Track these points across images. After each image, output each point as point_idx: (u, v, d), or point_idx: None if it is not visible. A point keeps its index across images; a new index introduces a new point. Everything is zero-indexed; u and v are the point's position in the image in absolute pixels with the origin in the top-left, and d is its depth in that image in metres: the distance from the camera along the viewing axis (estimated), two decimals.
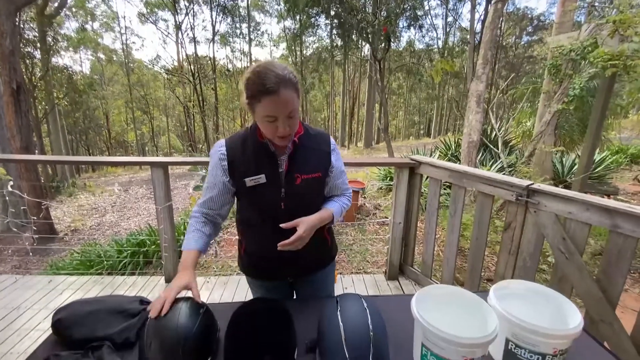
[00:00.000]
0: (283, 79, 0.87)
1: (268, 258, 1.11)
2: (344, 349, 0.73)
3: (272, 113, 0.89)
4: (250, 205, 1.08)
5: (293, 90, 0.90)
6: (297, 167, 1.03)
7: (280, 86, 0.86)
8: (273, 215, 1.03)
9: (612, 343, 1.37)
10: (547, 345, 0.74)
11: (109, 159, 2.69)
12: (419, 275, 2.50)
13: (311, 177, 1.05)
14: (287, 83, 0.87)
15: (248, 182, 1.01)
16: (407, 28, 14.41)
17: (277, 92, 0.86)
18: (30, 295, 2.39)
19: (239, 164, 1.02)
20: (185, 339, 0.75)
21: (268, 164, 1.01)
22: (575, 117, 6.31)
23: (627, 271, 1.32)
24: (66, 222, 7.81)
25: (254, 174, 1.01)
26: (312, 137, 1.08)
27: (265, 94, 0.86)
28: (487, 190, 1.85)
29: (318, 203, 1.12)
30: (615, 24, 3.15)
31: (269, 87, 0.85)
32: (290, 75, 0.90)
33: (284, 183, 1.02)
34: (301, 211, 1.04)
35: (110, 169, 16.92)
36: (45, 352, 0.85)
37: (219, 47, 25.47)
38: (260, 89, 0.86)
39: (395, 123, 37.29)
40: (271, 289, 1.21)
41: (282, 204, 1.03)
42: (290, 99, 0.89)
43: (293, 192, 1.02)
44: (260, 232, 1.09)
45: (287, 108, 0.89)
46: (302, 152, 1.04)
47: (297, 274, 1.20)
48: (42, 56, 14.02)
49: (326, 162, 1.08)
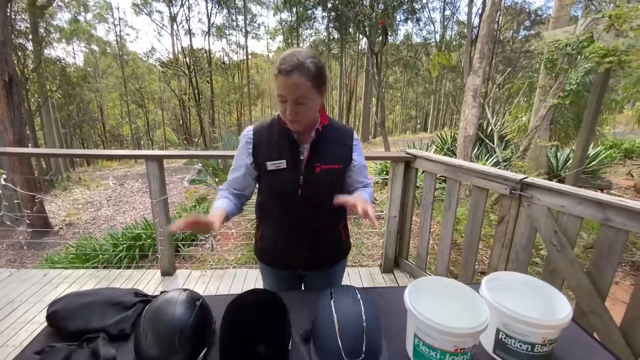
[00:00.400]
0: (300, 65, 0.91)
1: (282, 243, 1.15)
2: (337, 340, 0.74)
3: (281, 93, 0.94)
4: (268, 189, 1.11)
5: (307, 79, 0.92)
6: (318, 156, 1.06)
7: (294, 70, 0.90)
8: (290, 200, 1.06)
9: (601, 334, 1.40)
10: (537, 335, 0.75)
11: (104, 152, 2.68)
12: (414, 268, 2.52)
13: (331, 167, 1.07)
14: (302, 69, 0.91)
15: (269, 166, 1.05)
16: (404, 21, 14.33)
17: (289, 74, 0.91)
18: (26, 288, 2.38)
19: (263, 148, 1.07)
20: (181, 329, 0.75)
21: (290, 150, 1.05)
22: (571, 111, 6.34)
23: (617, 264, 1.34)
24: (61, 216, 7.77)
25: (276, 158, 1.05)
26: (335, 130, 1.11)
27: (280, 73, 0.92)
28: (482, 184, 1.86)
29: (335, 194, 1.12)
30: (611, 19, 3.15)
31: (284, 68, 0.91)
32: (310, 64, 0.93)
33: (304, 171, 1.05)
34: (318, 200, 1.07)
35: (105, 163, 16.78)
36: (40, 344, 0.85)
37: (215, 40, 25.14)
38: (278, 68, 0.93)
39: (392, 117, 37.24)
40: (282, 279, 1.23)
41: (299, 191, 1.05)
42: (299, 84, 0.92)
43: (311, 181, 1.05)
44: (276, 217, 1.13)
45: (294, 92, 0.93)
46: (325, 142, 1.07)
47: (308, 266, 1.20)
48: (35, 48, 13.76)
49: (347, 156, 1.11)
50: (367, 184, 1.19)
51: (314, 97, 0.97)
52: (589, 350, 0.87)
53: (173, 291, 0.85)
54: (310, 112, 1.00)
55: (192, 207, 4.76)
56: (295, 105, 0.95)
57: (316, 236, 1.13)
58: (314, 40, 20.44)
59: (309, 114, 1.00)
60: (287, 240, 1.13)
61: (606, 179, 5.86)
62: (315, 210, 1.09)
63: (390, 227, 2.55)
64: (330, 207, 1.07)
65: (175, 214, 4.34)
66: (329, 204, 1.07)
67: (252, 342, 0.75)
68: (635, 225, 1.25)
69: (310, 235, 1.13)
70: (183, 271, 2.71)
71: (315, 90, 0.96)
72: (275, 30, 27.48)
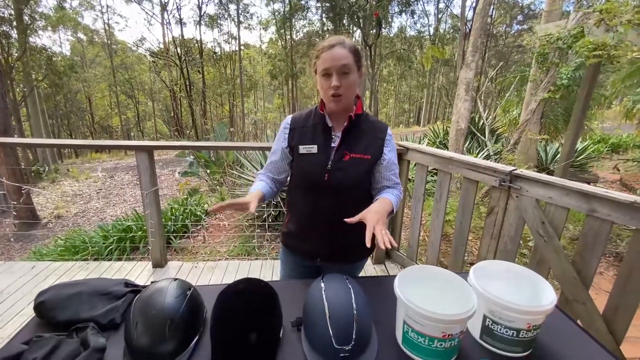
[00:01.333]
0: (343, 41, 1.03)
1: (307, 228, 1.18)
2: (328, 327, 0.75)
3: (327, 65, 1.02)
4: (298, 172, 1.16)
5: (350, 52, 1.02)
6: (348, 144, 1.09)
7: (336, 44, 1.02)
8: (317, 185, 1.10)
9: (585, 321, 1.45)
10: (522, 320, 0.77)
11: (93, 143, 2.63)
12: (405, 259, 2.56)
13: (359, 157, 1.09)
14: (344, 45, 1.02)
15: (301, 149, 1.11)
16: (398, 14, 14.26)
17: (332, 48, 1.01)
18: (13, 281, 2.35)
19: (299, 132, 1.13)
20: (171, 318, 0.75)
21: (323, 137, 1.11)
22: (561, 106, 6.43)
23: (601, 253, 1.37)
24: (49, 209, 7.64)
25: (309, 143, 1.11)
26: (369, 122, 1.14)
27: (324, 50, 1.02)
28: (472, 175, 1.88)
29: (363, 184, 1.14)
30: (602, 13, 3.18)
31: (328, 44, 1.03)
32: (350, 43, 1.04)
33: (333, 157, 1.08)
34: (344, 187, 1.09)
35: (94, 155, 16.50)
36: (28, 334, 0.84)
37: (207, 30, 24.69)
38: (321, 48, 1.04)
39: (385, 111, 37.26)
40: (299, 267, 1.26)
41: (326, 176, 1.08)
42: (344, 55, 1.01)
43: (339, 167, 1.08)
44: (303, 201, 1.17)
45: (339, 60, 1.01)
46: (356, 131, 1.11)
47: (328, 256, 1.20)
48: (19, 36, 13.35)
49: (378, 148, 1.12)
50: (396, 183, 1.17)
51: (354, 71, 1.04)
52: (573, 336, 0.90)
53: (163, 280, 0.85)
54: (351, 87, 1.05)
55: (184, 199, 4.72)
56: (340, 76, 1.02)
57: (339, 226, 1.08)
58: (307, 32, 20.23)
59: (350, 90, 1.05)
60: (312, 226, 1.16)
61: (593, 173, 5.99)
62: (341, 199, 1.10)
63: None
64: (357, 197, 1.11)
65: (167, 206, 4.30)
66: (355, 193, 1.11)
67: (243, 330, 0.76)
68: (619, 216, 1.28)
69: (334, 225, 1.10)
70: (174, 263, 2.70)
71: (356, 65, 1.04)
72: (267, 20, 27.09)
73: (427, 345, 0.76)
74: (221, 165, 5.42)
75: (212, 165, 5.56)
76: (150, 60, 23.35)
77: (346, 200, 1.10)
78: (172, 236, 3.51)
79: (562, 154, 4.12)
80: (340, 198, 1.10)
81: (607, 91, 7.30)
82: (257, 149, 3.18)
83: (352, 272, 1.27)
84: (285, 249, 1.28)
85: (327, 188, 1.09)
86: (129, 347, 0.76)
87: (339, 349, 0.74)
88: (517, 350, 0.81)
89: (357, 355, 0.76)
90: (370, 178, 1.15)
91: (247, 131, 9.30)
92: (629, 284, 1.29)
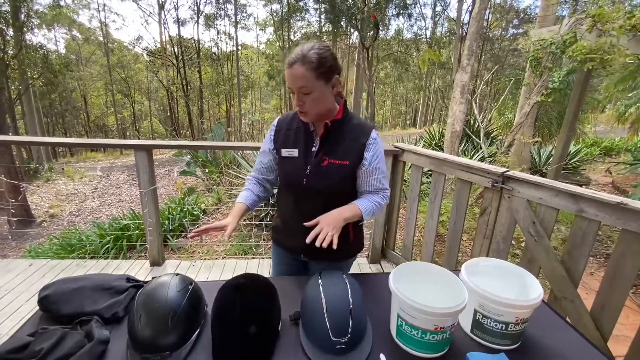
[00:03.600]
0: (302, 57, 0.96)
1: (289, 227, 1.22)
2: (325, 320, 0.79)
3: (288, 84, 1.02)
4: (280, 175, 1.20)
5: (308, 69, 0.96)
6: (327, 150, 1.09)
7: (295, 62, 0.96)
8: (295, 188, 1.14)
9: (573, 318, 1.49)
10: (511, 314, 0.81)
11: (91, 141, 2.63)
12: (400, 258, 2.59)
13: (337, 162, 1.08)
14: (303, 61, 0.95)
15: (283, 153, 1.14)
16: (396, 16, 14.35)
17: (291, 66, 0.97)
18: (10, 278, 2.35)
19: (283, 135, 1.15)
20: (174, 311, 0.78)
21: (304, 141, 1.12)
22: (555, 110, 6.53)
23: (589, 252, 1.42)
24: (44, 208, 7.58)
25: (291, 147, 1.13)
26: (351, 126, 1.11)
27: (286, 66, 0.99)
28: (465, 177, 1.93)
29: (342, 189, 1.13)
30: (594, 19, 3.25)
31: (288, 61, 0.98)
32: (313, 55, 0.96)
33: (312, 161, 1.09)
34: (322, 192, 1.10)
35: (89, 154, 16.40)
36: (32, 327, 0.86)
37: (204, 30, 24.66)
38: (285, 62, 1.00)
39: (382, 112, 37.40)
40: (287, 261, 1.30)
41: (304, 180, 1.09)
42: (300, 75, 0.96)
43: (317, 172, 1.09)
44: (285, 201, 1.21)
45: (296, 82, 0.98)
46: (335, 137, 1.10)
47: (310, 256, 1.21)
48: (15, 33, 13.23)
49: (357, 154, 1.09)
50: (379, 189, 1.15)
51: (319, 87, 0.99)
52: (560, 331, 0.94)
53: (165, 275, 0.88)
54: (317, 102, 1.02)
55: (181, 198, 4.72)
56: (301, 96, 1.00)
57: None
58: (305, 33, 20.27)
59: (316, 105, 1.02)
60: (294, 224, 1.15)
61: (585, 176, 6.08)
62: (320, 202, 1.09)
63: (378, 219, 2.61)
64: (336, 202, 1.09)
65: (164, 206, 4.31)
66: (333, 198, 1.10)
67: (243, 323, 0.78)
68: (606, 217, 1.33)
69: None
70: (172, 261, 2.71)
71: (322, 80, 0.99)
72: (265, 21, 27.11)
73: (419, 338, 0.79)
74: (218, 164, 5.44)
75: (210, 164, 5.57)
76: (147, 60, 23.25)
77: (325, 203, 1.09)
78: (169, 235, 3.52)
79: (554, 157, 4.19)
80: (319, 201, 1.10)
81: (601, 95, 7.42)
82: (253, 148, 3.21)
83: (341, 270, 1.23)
84: (274, 244, 1.34)
85: (306, 191, 1.11)
86: (132, 339, 0.78)
87: (336, 341, 0.78)
88: (506, 343, 0.84)
89: (352, 347, 0.80)
90: (350, 182, 1.14)
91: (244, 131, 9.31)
92: (614, 282, 1.34)
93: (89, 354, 0.75)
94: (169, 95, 21.34)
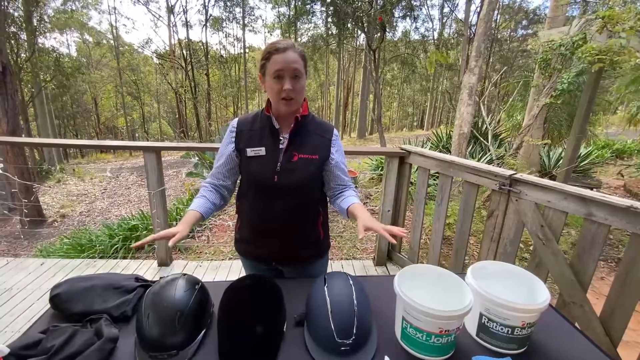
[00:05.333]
0: (292, 45, 1.03)
1: (257, 232, 1.17)
2: (329, 322, 0.79)
3: (280, 67, 1.01)
4: (247, 175, 1.15)
5: (300, 57, 1.04)
6: (296, 145, 1.10)
7: (288, 48, 1.01)
8: (266, 187, 1.10)
9: (582, 323, 1.47)
10: (517, 318, 0.80)
11: (101, 143, 2.69)
12: (406, 261, 2.58)
13: (308, 157, 1.10)
14: (295, 49, 1.03)
15: (249, 152, 1.10)
16: (402, 18, 14.30)
17: (285, 51, 1.01)
18: (23, 277, 2.40)
19: (245, 135, 1.12)
20: (181, 311, 0.79)
21: (271, 138, 1.10)
22: (565, 111, 6.44)
23: (598, 256, 1.40)
24: (55, 208, 7.72)
25: (256, 145, 1.10)
26: (316, 123, 1.16)
27: (275, 52, 1.01)
28: (473, 179, 1.91)
29: (312, 184, 1.15)
30: (604, 20, 3.20)
31: (279, 47, 1.01)
32: (301, 49, 1.05)
33: (282, 158, 1.08)
34: (293, 188, 1.09)
35: (99, 155, 16.65)
36: (44, 324, 0.88)
37: (213, 32, 24.89)
38: (270, 50, 1.02)
39: (389, 114, 37.28)
40: (258, 271, 1.25)
41: (275, 177, 1.08)
42: (296, 59, 1.02)
43: (288, 168, 1.08)
44: (253, 206, 1.15)
45: (292, 65, 1.01)
46: (304, 132, 1.12)
47: (282, 260, 1.20)
48: (28, 37, 13.55)
49: (326, 148, 1.13)
50: (349, 182, 1.18)
51: (304, 76, 1.06)
52: (567, 336, 0.93)
53: (173, 275, 0.89)
54: (302, 90, 1.07)
55: (188, 199, 4.78)
56: (293, 79, 1.02)
57: (290, 229, 1.14)
58: (312, 35, 20.33)
59: (301, 93, 1.07)
60: (262, 230, 1.15)
61: (596, 178, 5.97)
62: (290, 200, 1.10)
63: (384, 221, 2.60)
64: (307, 199, 1.13)
65: (172, 206, 4.36)
66: (305, 194, 1.12)
67: (249, 323, 0.79)
68: (615, 220, 1.31)
69: (284, 227, 1.13)
70: (179, 262, 2.74)
71: (304, 70, 1.06)
72: (272, 24, 27.27)
73: (424, 341, 0.79)
74: None
75: None
76: (156, 63, 23.57)
77: (296, 202, 1.11)
78: None
79: (564, 159, 4.13)
80: (290, 199, 1.10)
81: (612, 97, 7.30)
82: None
83: (314, 273, 1.21)
84: (242, 256, 1.28)
85: (276, 190, 1.09)
86: (140, 337, 0.80)
87: (340, 343, 0.78)
88: (512, 347, 0.84)
89: (357, 349, 0.80)
90: (319, 178, 1.16)
91: None
92: (625, 287, 1.32)
93: (99, 352, 0.77)
94: (177, 97, 21.59)
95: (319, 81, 30.10)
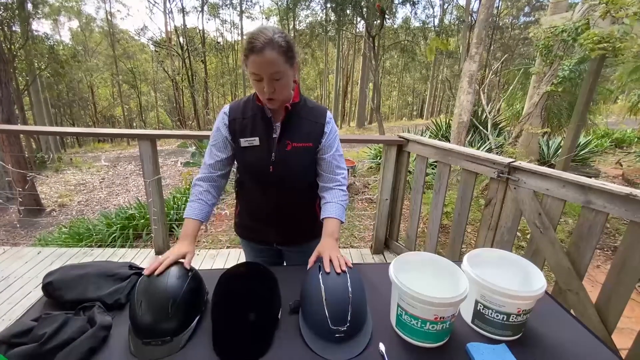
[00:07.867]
0: (270, 41, 0.90)
1: (256, 219, 1.20)
2: (324, 309, 0.79)
3: (256, 71, 0.93)
4: (242, 166, 1.15)
5: (280, 54, 0.92)
6: (289, 134, 1.07)
7: (266, 47, 0.90)
8: (262, 177, 1.10)
9: (577, 311, 1.48)
10: (512, 305, 0.80)
11: (96, 131, 2.65)
12: (403, 249, 2.59)
13: (302, 145, 1.08)
14: (274, 45, 0.90)
15: (242, 143, 1.07)
16: (402, 4, 14.03)
17: (261, 52, 0.90)
18: (20, 266, 2.40)
19: (238, 124, 1.08)
20: (174, 298, 0.79)
21: (263, 128, 1.07)
22: (565, 100, 6.38)
23: (595, 244, 1.40)
24: (53, 198, 7.71)
25: (250, 136, 1.07)
26: (308, 109, 1.11)
27: (252, 52, 0.91)
28: (471, 167, 1.90)
29: (307, 173, 1.15)
30: (608, 5, 3.14)
31: (255, 46, 0.90)
32: (280, 39, 0.92)
33: (276, 148, 1.06)
34: (289, 177, 1.09)
35: (96, 144, 16.56)
36: (37, 312, 0.88)
37: (209, 18, 24.43)
38: (248, 48, 0.91)
39: (388, 103, 37.01)
40: (261, 253, 1.29)
41: (270, 168, 1.07)
42: (274, 60, 0.91)
43: (283, 158, 1.07)
44: (250, 193, 1.17)
45: (269, 68, 0.92)
46: (296, 120, 1.08)
47: (283, 242, 1.24)
48: (22, 24, 13.27)
49: (319, 134, 1.10)
50: (341, 183, 1.13)
51: (287, 71, 0.97)
52: (563, 323, 0.93)
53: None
54: (286, 87, 0.99)
55: (186, 189, 4.76)
56: (272, 82, 0.95)
57: (289, 214, 1.17)
58: (310, 22, 20.00)
59: (284, 90, 1.00)
60: (262, 216, 1.18)
61: (595, 168, 5.97)
62: (287, 188, 1.11)
63: (382, 210, 2.60)
64: (304, 186, 1.12)
65: (170, 196, 4.35)
66: (301, 182, 1.12)
67: (243, 310, 0.79)
68: (614, 208, 1.30)
69: (283, 213, 1.16)
70: None
71: (288, 64, 0.96)
72: (270, 10, 26.78)
73: (419, 328, 0.79)
74: None
75: None
76: (152, 50, 23.20)
77: (292, 190, 1.12)
78: (175, 225, 3.55)
79: (563, 148, 4.11)
80: (286, 188, 1.11)
81: (613, 85, 7.23)
82: None
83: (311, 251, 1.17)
84: (242, 239, 1.31)
85: (273, 180, 1.09)
86: (133, 324, 0.79)
87: (335, 330, 0.78)
88: (507, 334, 0.84)
89: (351, 336, 0.80)
90: (314, 164, 1.14)
91: None
92: (621, 274, 1.32)
93: (91, 339, 0.76)
94: (175, 85, 21.34)
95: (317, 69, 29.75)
